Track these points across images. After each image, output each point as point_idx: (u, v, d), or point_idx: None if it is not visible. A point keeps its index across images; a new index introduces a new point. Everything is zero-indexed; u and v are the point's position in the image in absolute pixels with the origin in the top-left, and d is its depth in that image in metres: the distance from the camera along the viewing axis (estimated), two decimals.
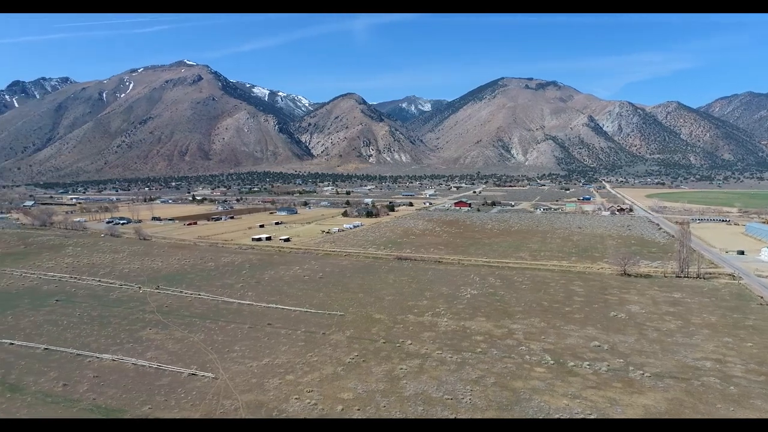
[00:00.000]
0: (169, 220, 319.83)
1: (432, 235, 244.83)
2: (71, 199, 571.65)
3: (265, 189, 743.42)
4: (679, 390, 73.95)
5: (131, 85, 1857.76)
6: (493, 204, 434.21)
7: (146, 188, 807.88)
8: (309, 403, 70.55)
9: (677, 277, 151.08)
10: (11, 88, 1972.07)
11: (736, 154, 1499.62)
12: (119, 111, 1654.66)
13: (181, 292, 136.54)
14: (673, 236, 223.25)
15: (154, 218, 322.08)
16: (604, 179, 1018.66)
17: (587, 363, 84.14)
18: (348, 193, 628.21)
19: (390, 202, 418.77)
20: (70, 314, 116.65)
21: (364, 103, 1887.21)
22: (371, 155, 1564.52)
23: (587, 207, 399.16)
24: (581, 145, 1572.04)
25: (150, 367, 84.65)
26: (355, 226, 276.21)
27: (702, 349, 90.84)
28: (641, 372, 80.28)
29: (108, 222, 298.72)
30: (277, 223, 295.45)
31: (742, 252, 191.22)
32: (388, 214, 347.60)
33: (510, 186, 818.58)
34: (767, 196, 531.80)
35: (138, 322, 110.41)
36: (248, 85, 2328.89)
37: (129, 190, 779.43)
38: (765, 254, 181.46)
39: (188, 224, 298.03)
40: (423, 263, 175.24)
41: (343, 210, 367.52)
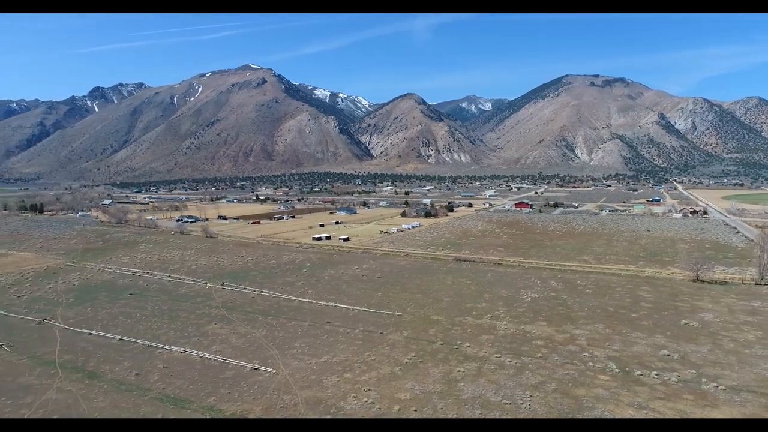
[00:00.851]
0: (234, 218, 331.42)
1: (492, 237, 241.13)
2: (144, 198, 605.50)
3: (325, 189, 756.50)
4: (757, 405, 69.13)
5: (200, 89, 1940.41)
6: (556, 205, 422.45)
7: (213, 188, 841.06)
8: (366, 402, 71.09)
9: (757, 284, 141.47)
10: (92, 94, 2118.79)
11: None
12: (188, 114, 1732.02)
13: (244, 288, 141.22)
14: (753, 241, 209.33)
15: (219, 217, 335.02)
16: (675, 180, 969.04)
17: (655, 372, 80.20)
18: (407, 193, 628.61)
19: (449, 203, 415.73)
20: (143, 307, 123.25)
21: (424, 103, 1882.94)
22: (430, 155, 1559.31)
23: (657, 209, 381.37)
24: (651, 144, 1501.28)
25: (215, 360, 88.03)
26: (413, 227, 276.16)
27: None
28: (715, 384, 75.58)
29: (177, 220, 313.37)
30: (336, 223, 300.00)
31: None
32: (446, 215, 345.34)
33: (573, 187, 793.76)
34: None
35: (204, 316, 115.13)
36: (310, 87, 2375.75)
37: (197, 189, 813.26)
38: None
39: (252, 223, 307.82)
40: (482, 265, 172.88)
41: (401, 210, 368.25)
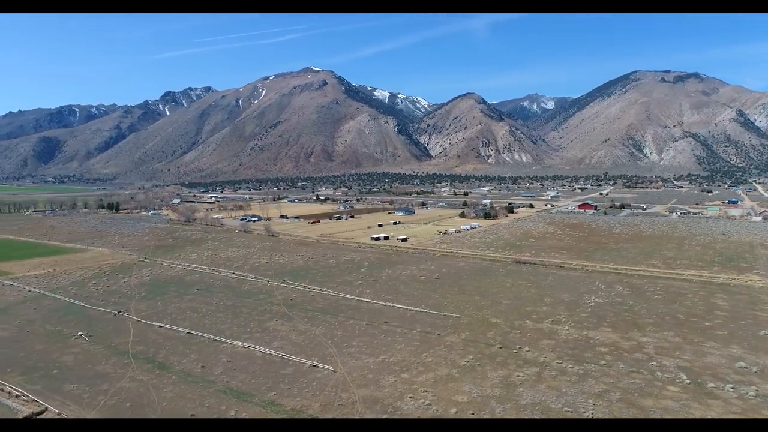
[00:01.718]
0: (295, 218, 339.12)
1: (553, 239, 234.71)
2: (211, 197, 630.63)
3: (384, 189, 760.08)
4: None
5: (263, 92, 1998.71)
6: (622, 207, 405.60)
7: (275, 188, 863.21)
8: (423, 403, 70.95)
9: None
10: (164, 98, 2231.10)
11: None
12: (252, 116, 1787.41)
13: (304, 286, 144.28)
14: None
15: (281, 216, 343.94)
16: (755, 181, 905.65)
17: (731, 386, 75.56)
18: (466, 193, 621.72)
19: (509, 204, 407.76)
20: (208, 303, 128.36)
21: (484, 102, 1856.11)
22: (490, 155, 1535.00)
23: (734, 211, 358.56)
24: (727, 143, 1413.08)
25: (276, 356, 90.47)
26: (472, 228, 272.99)
27: None
28: None
29: (241, 219, 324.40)
30: (395, 223, 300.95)
31: None
32: (506, 216, 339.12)
33: (642, 187, 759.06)
34: None
35: (266, 313, 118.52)
36: (369, 89, 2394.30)
37: (260, 189, 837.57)
38: None
39: (312, 222, 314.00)
40: (543, 267, 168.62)
41: (460, 211, 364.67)
